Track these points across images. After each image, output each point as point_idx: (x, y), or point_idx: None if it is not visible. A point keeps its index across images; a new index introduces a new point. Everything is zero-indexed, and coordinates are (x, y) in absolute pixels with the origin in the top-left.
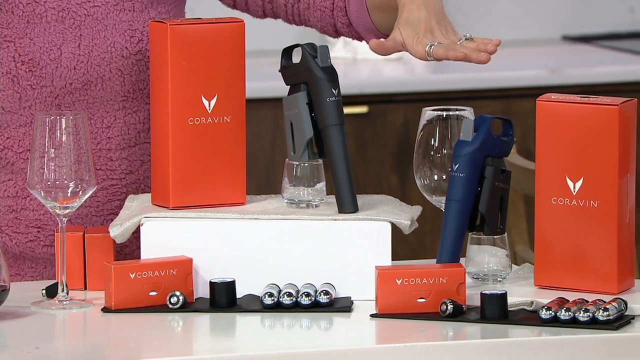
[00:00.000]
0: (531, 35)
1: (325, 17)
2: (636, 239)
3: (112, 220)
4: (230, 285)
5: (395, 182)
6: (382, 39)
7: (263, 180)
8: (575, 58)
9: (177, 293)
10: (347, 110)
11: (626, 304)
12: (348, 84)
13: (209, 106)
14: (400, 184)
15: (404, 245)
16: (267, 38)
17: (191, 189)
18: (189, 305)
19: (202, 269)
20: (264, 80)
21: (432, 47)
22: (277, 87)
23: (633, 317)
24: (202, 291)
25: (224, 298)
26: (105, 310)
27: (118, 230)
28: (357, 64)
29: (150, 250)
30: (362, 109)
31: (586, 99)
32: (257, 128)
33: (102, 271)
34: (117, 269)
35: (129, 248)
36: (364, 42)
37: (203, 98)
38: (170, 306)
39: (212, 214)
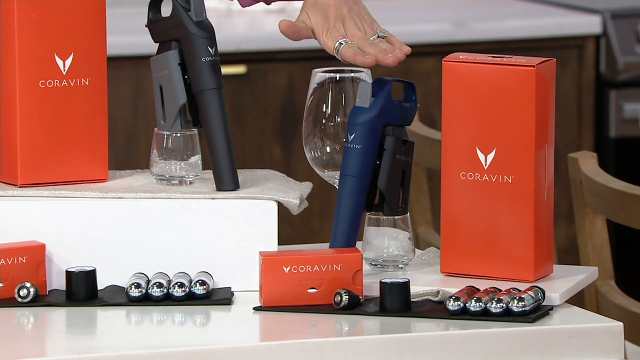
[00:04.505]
0: None
1: None
2: (555, 219)
3: None
4: (90, 275)
5: (278, 153)
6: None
7: (123, 152)
8: (484, 10)
9: (27, 284)
10: (222, 70)
11: (544, 293)
12: (223, 39)
13: (64, 67)
14: (284, 156)
15: (287, 226)
16: None
17: (43, 163)
18: (41, 299)
19: (56, 256)
20: (123, 34)
21: (342, 45)
22: (140, 42)
23: (551, 308)
24: (57, 282)
25: (82, 290)
26: None
27: None
28: (233, 17)
29: None
30: (239, 69)
31: (498, 59)
32: (116, 91)
33: None
34: None
35: None
36: None
37: (56, 57)
38: (19, 300)
39: (69, 192)
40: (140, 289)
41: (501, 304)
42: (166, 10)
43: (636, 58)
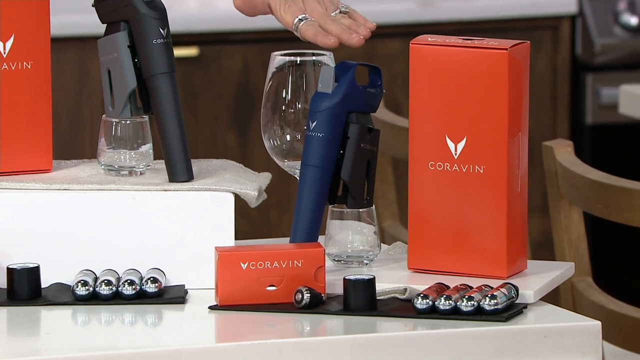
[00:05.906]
0: None
1: None
2: (529, 212)
3: None
4: (33, 272)
5: (233, 142)
6: None
7: (67, 140)
8: None
9: None
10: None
11: (517, 291)
12: (173, 19)
13: (4, 49)
14: (239, 145)
15: (244, 220)
16: None
17: None
18: None
19: None
20: (67, 14)
21: (302, 22)
22: (85, 22)
23: (525, 306)
24: None
25: (25, 288)
26: None
27: None
28: None
29: None
30: (191, 51)
31: (469, 41)
32: (58, 75)
33: None
34: None
35: None
36: None
37: None
38: None
39: (10, 184)
40: (87, 287)
41: (472, 302)
42: None
43: (614, 39)
